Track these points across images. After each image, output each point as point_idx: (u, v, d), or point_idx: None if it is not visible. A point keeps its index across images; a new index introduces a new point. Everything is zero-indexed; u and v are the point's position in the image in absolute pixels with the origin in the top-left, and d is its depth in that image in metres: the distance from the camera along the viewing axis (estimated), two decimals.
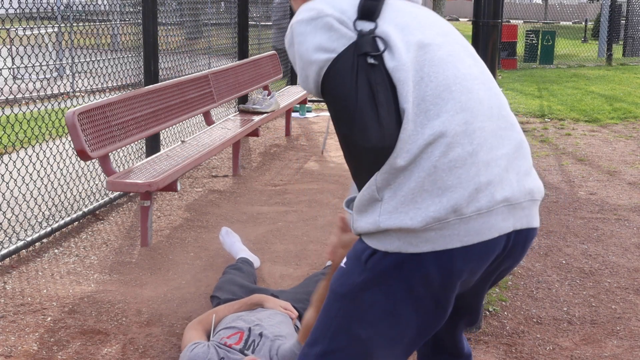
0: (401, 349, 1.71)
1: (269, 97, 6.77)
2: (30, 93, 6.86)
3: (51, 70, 8.09)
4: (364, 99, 1.56)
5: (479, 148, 1.57)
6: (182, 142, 5.31)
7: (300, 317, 3.04)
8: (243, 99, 7.42)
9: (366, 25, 1.62)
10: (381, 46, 1.59)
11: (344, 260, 1.70)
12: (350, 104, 1.57)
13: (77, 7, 8.23)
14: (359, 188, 1.67)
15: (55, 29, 9.41)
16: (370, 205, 1.61)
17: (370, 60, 1.57)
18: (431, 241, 1.56)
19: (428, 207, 1.54)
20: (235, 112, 7.31)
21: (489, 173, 1.57)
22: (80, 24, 8.27)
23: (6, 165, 4.43)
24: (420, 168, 1.55)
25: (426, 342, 1.89)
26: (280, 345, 2.61)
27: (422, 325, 1.67)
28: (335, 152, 6.94)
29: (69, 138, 4.04)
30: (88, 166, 4.90)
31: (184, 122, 6.90)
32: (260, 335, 2.65)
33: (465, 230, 1.55)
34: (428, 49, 1.62)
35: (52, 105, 5.32)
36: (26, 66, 4.97)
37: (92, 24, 7.89)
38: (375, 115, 1.55)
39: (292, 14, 6.22)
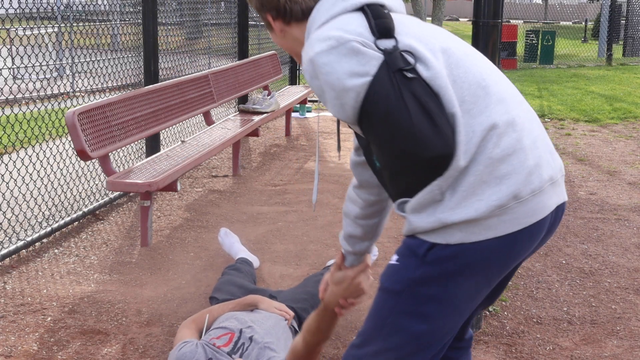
0: (450, 336, 1.79)
1: (269, 97, 6.77)
2: (30, 93, 6.86)
3: (51, 70, 8.09)
4: (416, 112, 1.59)
5: (522, 134, 1.66)
6: (182, 142, 5.31)
7: (298, 318, 3.03)
8: (243, 99, 7.42)
9: (388, 43, 1.65)
10: (411, 60, 1.63)
11: (395, 257, 1.75)
12: (404, 121, 1.59)
13: (77, 7, 8.23)
14: (395, 193, 1.72)
15: (55, 29, 9.40)
16: (430, 205, 1.66)
17: (409, 75, 1.61)
18: (493, 228, 1.63)
19: (490, 197, 1.61)
20: (235, 112, 7.31)
21: (534, 155, 1.67)
22: (80, 24, 8.27)
23: (6, 165, 4.43)
24: (477, 162, 1.62)
25: None
26: (271, 359, 2.58)
27: (471, 309, 1.78)
28: (335, 152, 6.94)
29: (69, 138, 4.04)
30: (88, 166, 4.90)
31: (184, 122, 6.90)
32: (251, 339, 2.62)
33: (523, 212, 1.64)
34: (450, 53, 1.69)
35: (52, 105, 5.32)
36: (26, 66, 4.97)
37: (92, 24, 7.89)
38: (433, 125, 1.59)
39: None
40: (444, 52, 1.68)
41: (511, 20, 19.00)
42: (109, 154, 4.32)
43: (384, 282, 1.74)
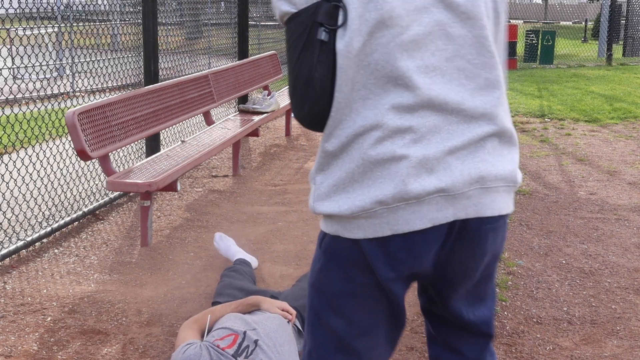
0: (378, 340, 1.69)
1: (269, 97, 6.77)
2: (30, 93, 6.86)
3: (51, 70, 8.09)
4: (301, 73, 1.56)
5: (418, 143, 1.55)
6: (182, 142, 5.31)
7: (300, 316, 3.03)
8: (243, 99, 7.43)
9: None
10: (340, 19, 1.53)
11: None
12: (291, 71, 1.59)
13: (77, 7, 8.23)
14: None
15: (55, 29, 9.41)
16: (312, 186, 1.65)
17: (321, 35, 1.53)
18: (362, 228, 1.57)
19: (356, 198, 1.55)
20: (235, 112, 7.31)
21: (426, 166, 1.55)
22: (80, 24, 8.27)
23: (6, 165, 4.43)
24: (351, 158, 1.55)
25: (434, 340, 1.85)
26: None
27: (383, 313, 1.66)
28: None
29: (69, 138, 4.05)
30: (88, 166, 4.90)
31: (184, 122, 6.90)
32: (256, 343, 2.61)
33: (394, 218, 1.54)
34: (391, 32, 1.61)
35: (52, 105, 5.32)
36: (26, 66, 4.97)
37: (92, 24, 7.89)
38: (304, 92, 1.57)
39: None
40: (381, 27, 1.51)
41: (511, 20, 19.02)
42: (109, 154, 4.32)
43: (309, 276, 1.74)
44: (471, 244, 1.63)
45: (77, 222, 4.71)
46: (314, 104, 1.57)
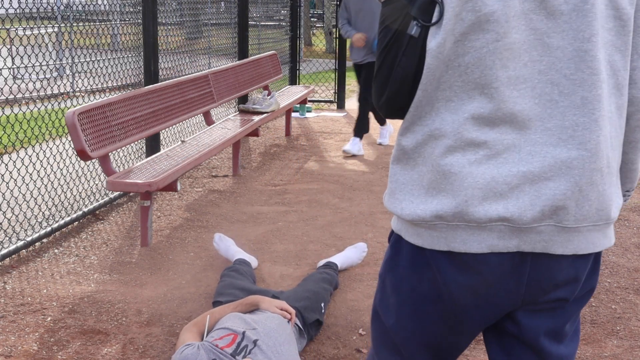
0: (427, 351, 1.62)
1: (269, 97, 6.77)
2: (30, 93, 6.86)
3: (51, 70, 8.09)
4: (386, 63, 1.51)
5: (491, 160, 1.43)
6: (182, 142, 5.31)
7: (302, 316, 3.03)
8: (243, 99, 7.43)
9: None
10: (435, 17, 1.43)
11: None
12: (379, 56, 1.53)
13: (77, 7, 8.23)
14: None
15: (55, 29, 9.41)
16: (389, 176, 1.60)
17: (413, 30, 1.45)
18: (421, 236, 1.50)
19: (418, 206, 1.48)
20: (235, 112, 7.31)
21: (495, 189, 1.43)
22: (80, 24, 8.27)
23: (6, 165, 4.43)
24: (425, 161, 1.48)
25: None
26: None
27: (436, 327, 1.57)
28: (335, 152, 6.95)
29: (69, 138, 4.05)
30: (88, 166, 4.90)
31: (184, 122, 6.90)
32: (255, 342, 2.61)
33: (452, 236, 1.45)
34: (493, 35, 1.53)
35: (52, 105, 5.32)
36: (26, 66, 4.97)
37: (92, 24, 7.89)
38: (384, 82, 1.52)
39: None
40: (476, 30, 1.40)
41: None
42: (109, 154, 4.32)
43: None
44: (542, 286, 1.50)
45: (77, 222, 4.70)
46: (392, 97, 1.51)
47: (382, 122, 7.34)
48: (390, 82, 1.50)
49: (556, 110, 1.42)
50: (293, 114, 8.50)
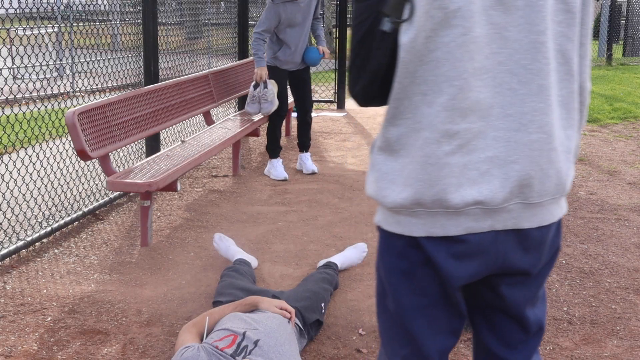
0: (431, 329, 1.71)
1: (264, 88, 6.17)
2: (30, 93, 6.86)
3: (51, 70, 8.09)
4: (360, 54, 1.61)
5: (461, 149, 1.55)
6: (182, 142, 5.31)
7: (302, 316, 3.03)
8: (243, 99, 7.42)
9: None
10: (405, 14, 1.53)
11: None
12: (353, 44, 1.62)
13: (77, 7, 8.23)
14: None
15: (55, 29, 9.41)
16: (370, 158, 1.70)
17: (385, 26, 1.55)
18: (402, 224, 1.61)
19: (401, 192, 1.58)
20: (235, 112, 7.30)
21: (465, 175, 1.55)
22: (80, 24, 8.27)
23: (6, 165, 4.43)
24: (408, 152, 1.58)
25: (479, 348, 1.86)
26: None
27: (433, 303, 1.68)
28: (335, 152, 6.94)
29: (69, 138, 4.05)
30: (88, 166, 4.90)
31: (184, 122, 6.90)
32: (256, 343, 2.61)
33: (431, 221, 1.58)
34: (458, 31, 1.63)
35: (52, 105, 5.32)
36: (26, 66, 4.97)
37: (92, 24, 7.89)
38: (358, 74, 1.62)
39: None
40: (445, 26, 1.50)
41: None
42: (109, 154, 4.32)
43: None
44: (515, 256, 1.65)
45: (77, 222, 4.71)
46: (366, 86, 1.63)
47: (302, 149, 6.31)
48: (363, 74, 1.62)
49: (516, 97, 1.55)
50: (293, 114, 8.49)
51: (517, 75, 1.54)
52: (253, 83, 6.04)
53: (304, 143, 6.20)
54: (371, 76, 1.61)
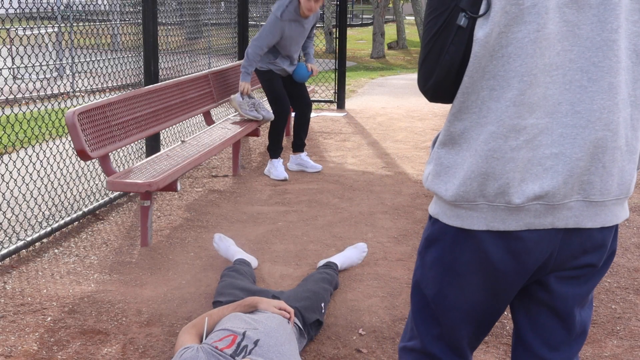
0: (467, 319, 1.75)
1: (250, 98, 6.19)
2: (30, 93, 6.86)
3: (51, 70, 8.09)
4: (433, 49, 1.61)
5: (526, 145, 1.56)
6: (182, 142, 5.31)
7: (302, 316, 3.03)
8: None
9: None
10: (483, 9, 1.55)
11: None
12: (426, 39, 1.63)
13: (77, 7, 8.23)
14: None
15: (55, 29, 9.41)
16: (430, 153, 1.73)
17: (461, 20, 1.56)
18: (461, 218, 1.64)
19: (460, 185, 1.60)
20: (235, 112, 7.30)
21: (532, 170, 1.57)
22: (80, 24, 8.27)
23: (6, 165, 4.43)
24: (470, 145, 1.60)
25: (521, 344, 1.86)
26: None
27: (477, 295, 1.71)
28: (335, 152, 6.94)
29: (69, 138, 4.05)
30: (88, 166, 4.90)
31: (184, 122, 6.90)
32: (256, 342, 2.60)
33: (492, 216, 1.60)
34: (534, 26, 1.64)
35: (52, 105, 5.32)
36: (26, 66, 4.97)
37: (92, 24, 7.89)
38: (431, 67, 1.62)
39: None
40: (519, 22, 1.52)
41: None
42: (109, 154, 4.32)
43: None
44: (571, 255, 1.66)
45: (77, 222, 4.71)
46: (439, 82, 1.63)
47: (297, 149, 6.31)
48: (437, 68, 1.61)
49: (585, 95, 1.55)
50: (293, 114, 8.50)
51: (587, 73, 1.55)
52: (238, 94, 6.10)
53: (302, 143, 6.22)
54: (445, 72, 1.61)
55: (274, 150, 6.07)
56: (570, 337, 1.78)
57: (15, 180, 4.53)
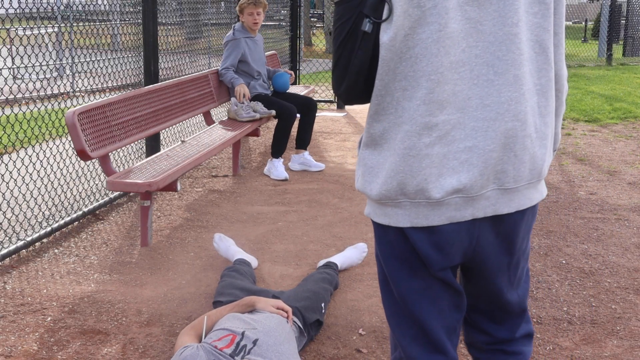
0: (431, 306, 1.78)
1: (249, 102, 6.19)
2: (30, 93, 6.86)
3: (51, 70, 8.09)
4: (342, 55, 1.68)
5: (438, 140, 1.62)
6: (182, 142, 5.31)
7: (302, 316, 3.03)
8: None
9: None
10: (385, 13, 1.60)
11: None
12: (335, 45, 1.69)
13: (77, 7, 8.23)
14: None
15: (55, 29, 9.40)
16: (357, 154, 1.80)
17: (366, 27, 1.62)
18: (389, 216, 1.70)
19: (383, 185, 1.66)
20: None
21: (445, 165, 1.62)
22: (80, 24, 8.26)
23: (6, 165, 4.43)
24: (390, 145, 1.66)
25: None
26: None
27: (428, 282, 1.77)
28: (335, 152, 6.94)
29: (69, 138, 4.05)
30: (88, 166, 4.90)
31: (184, 122, 6.90)
32: (255, 342, 2.61)
33: (415, 212, 1.66)
34: (434, 27, 1.72)
35: (52, 105, 5.32)
36: (26, 66, 4.97)
37: (92, 24, 7.89)
38: (342, 73, 1.69)
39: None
40: (422, 23, 1.56)
41: None
42: (109, 154, 4.32)
43: None
44: (493, 242, 1.74)
45: (77, 222, 4.70)
46: (350, 85, 1.69)
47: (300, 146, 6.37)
48: (347, 74, 1.67)
49: (493, 88, 1.61)
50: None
51: (493, 67, 1.60)
52: (234, 101, 6.18)
53: (306, 139, 6.30)
54: (354, 76, 1.67)
55: (278, 149, 6.09)
56: (510, 316, 1.91)
57: (15, 180, 4.53)
